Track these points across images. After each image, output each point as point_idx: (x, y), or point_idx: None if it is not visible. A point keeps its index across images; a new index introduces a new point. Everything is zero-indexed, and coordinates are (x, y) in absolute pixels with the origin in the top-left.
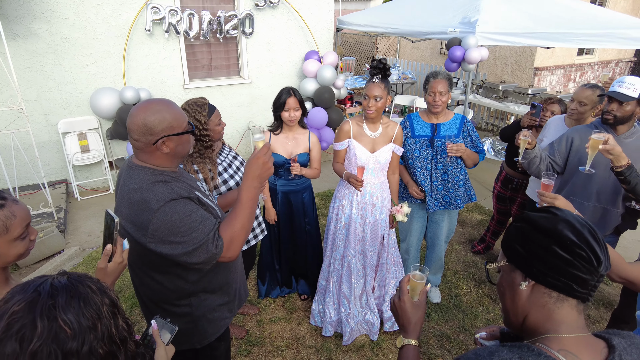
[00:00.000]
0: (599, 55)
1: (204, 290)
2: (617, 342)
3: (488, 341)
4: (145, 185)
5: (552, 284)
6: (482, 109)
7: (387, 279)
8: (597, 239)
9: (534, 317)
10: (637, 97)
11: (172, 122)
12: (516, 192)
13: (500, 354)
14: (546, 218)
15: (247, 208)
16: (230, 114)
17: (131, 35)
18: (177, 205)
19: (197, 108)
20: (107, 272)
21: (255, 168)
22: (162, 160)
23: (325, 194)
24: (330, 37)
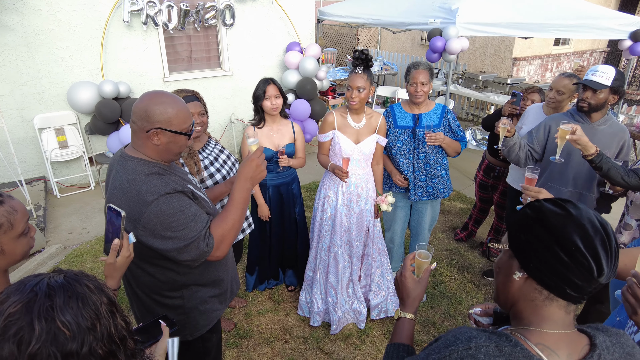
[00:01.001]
0: (574, 46)
1: (196, 282)
2: (600, 341)
3: (482, 317)
4: (139, 176)
5: (545, 283)
6: (462, 99)
7: (373, 267)
8: (609, 247)
9: (521, 307)
10: (610, 85)
11: (172, 117)
12: (498, 180)
13: (478, 340)
14: (558, 215)
15: (239, 209)
16: (211, 107)
17: (108, 27)
18: (171, 200)
19: None
20: (116, 267)
21: (249, 170)
22: (152, 151)
23: (310, 185)
24: (311, 28)
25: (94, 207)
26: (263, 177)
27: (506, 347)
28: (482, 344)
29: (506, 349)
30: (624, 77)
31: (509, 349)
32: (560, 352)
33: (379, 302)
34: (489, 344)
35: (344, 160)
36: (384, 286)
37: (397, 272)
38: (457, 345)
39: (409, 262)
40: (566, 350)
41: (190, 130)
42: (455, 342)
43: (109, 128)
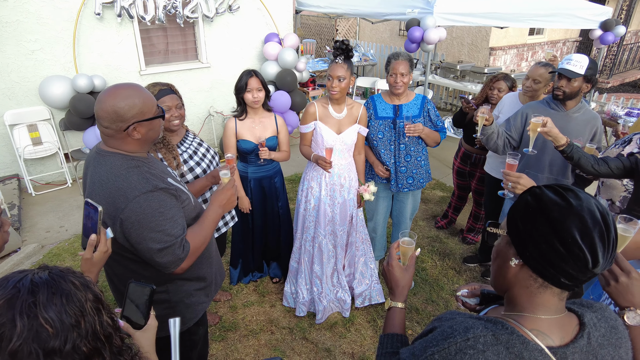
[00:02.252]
0: (548, 36)
1: (180, 277)
2: (588, 319)
3: (469, 298)
4: (119, 171)
5: (540, 271)
6: (441, 89)
7: (357, 256)
8: (607, 239)
9: (516, 293)
10: (584, 74)
11: (142, 107)
12: (475, 167)
13: (475, 331)
14: (558, 207)
15: (210, 228)
16: (189, 100)
17: (80, 19)
18: (152, 199)
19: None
20: (94, 262)
21: (222, 198)
22: (133, 146)
23: (292, 178)
24: (289, 18)
25: (72, 204)
26: (234, 206)
27: (503, 335)
28: (479, 334)
29: (503, 337)
30: (596, 66)
31: (506, 337)
32: (553, 336)
33: (362, 290)
34: (486, 334)
35: (327, 150)
36: (368, 274)
37: (384, 262)
38: (455, 337)
39: (394, 251)
40: (559, 334)
41: (162, 111)
42: (452, 333)
43: (84, 123)
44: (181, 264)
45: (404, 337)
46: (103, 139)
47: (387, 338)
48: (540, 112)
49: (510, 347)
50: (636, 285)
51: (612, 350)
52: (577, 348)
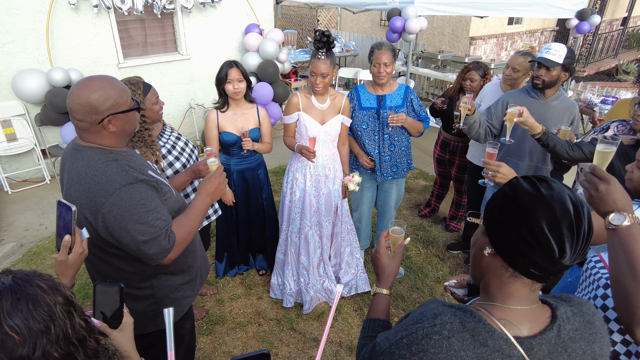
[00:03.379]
0: (526, 25)
1: (165, 271)
2: (561, 312)
3: (457, 289)
4: (98, 165)
5: (511, 261)
6: (422, 79)
7: (342, 246)
8: (576, 231)
9: (489, 281)
10: (562, 63)
11: (117, 99)
12: (454, 155)
13: (443, 317)
14: (530, 195)
15: (198, 218)
16: (169, 93)
17: (53, 10)
18: (133, 191)
19: (131, 87)
20: (69, 264)
21: (210, 187)
22: (109, 139)
23: (276, 170)
24: (270, 9)
25: (51, 201)
26: (222, 194)
27: (470, 323)
28: (447, 320)
29: (470, 324)
30: (574, 55)
31: (473, 325)
32: (522, 326)
33: (349, 279)
34: (454, 320)
35: (310, 140)
36: (354, 264)
37: (373, 249)
38: (423, 323)
39: (383, 240)
40: (528, 325)
41: (137, 103)
42: (422, 319)
43: (61, 118)
44: (168, 255)
45: (386, 322)
46: (78, 134)
47: (369, 323)
48: (520, 100)
49: (476, 335)
50: (615, 190)
51: (585, 344)
52: (544, 339)
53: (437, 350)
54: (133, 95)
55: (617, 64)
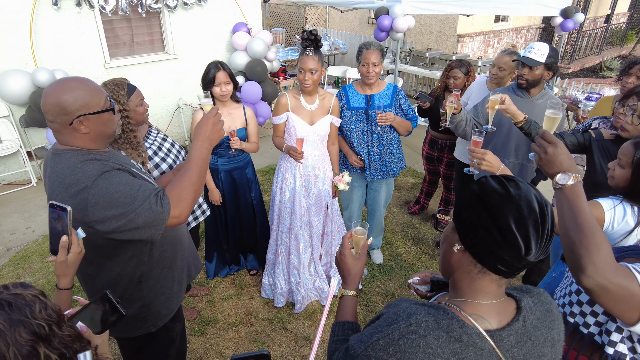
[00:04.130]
0: (513, 23)
1: (153, 269)
2: (524, 304)
3: (420, 285)
4: (75, 165)
5: (479, 257)
6: (410, 77)
7: (333, 245)
8: (541, 229)
9: (458, 277)
10: (544, 62)
11: (88, 100)
12: (442, 152)
13: (418, 316)
14: (497, 195)
15: (197, 167)
16: (157, 93)
17: (37, 9)
18: (110, 177)
19: (115, 88)
20: (68, 264)
21: (205, 130)
22: (83, 141)
23: (266, 169)
24: (258, 7)
25: (38, 204)
26: (221, 136)
27: (444, 320)
28: (421, 319)
29: (444, 321)
30: (557, 54)
31: (447, 322)
32: (492, 319)
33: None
34: (428, 319)
35: (297, 141)
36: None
37: (337, 252)
38: (398, 323)
39: (347, 241)
40: (497, 317)
41: (111, 105)
42: (397, 319)
43: None
44: (169, 216)
45: (355, 324)
46: (55, 136)
47: (338, 326)
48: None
49: (450, 332)
50: (561, 153)
51: (545, 332)
52: (512, 330)
53: (415, 350)
54: (116, 96)
55: (601, 60)
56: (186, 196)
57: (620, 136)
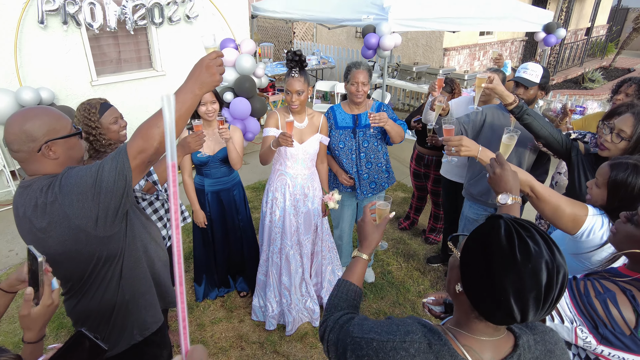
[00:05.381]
0: (497, 36)
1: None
2: (523, 341)
3: (434, 306)
4: (44, 186)
5: (476, 306)
6: (398, 91)
7: (324, 265)
8: (543, 301)
9: (458, 312)
10: (539, 82)
11: (54, 125)
12: (428, 168)
13: (413, 336)
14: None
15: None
16: (144, 109)
17: (22, 27)
18: (72, 170)
19: (87, 106)
20: (33, 318)
21: (199, 71)
22: (53, 167)
23: (256, 186)
24: (245, 24)
25: None
26: (215, 81)
27: (436, 345)
28: (416, 339)
29: (436, 346)
30: (549, 75)
31: (438, 347)
32: (484, 354)
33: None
34: (422, 341)
35: (287, 123)
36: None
37: (359, 219)
38: (395, 336)
39: (369, 210)
40: (491, 353)
41: (78, 129)
42: (395, 332)
43: None
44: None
45: (359, 289)
46: (22, 167)
47: (345, 284)
48: (499, 115)
49: (440, 357)
50: (507, 175)
51: None
52: None
53: None
54: (87, 114)
55: (583, 72)
56: (146, 130)
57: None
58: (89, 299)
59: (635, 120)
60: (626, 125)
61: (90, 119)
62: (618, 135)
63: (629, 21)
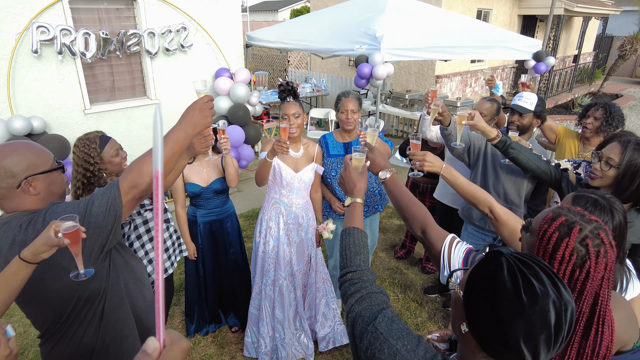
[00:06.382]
0: (488, 63)
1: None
2: None
3: (439, 343)
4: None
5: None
6: (392, 117)
7: (318, 297)
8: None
9: (465, 352)
10: (533, 110)
11: (34, 160)
12: (423, 196)
13: None
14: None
15: (165, 145)
16: (137, 138)
17: (16, 57)
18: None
19: (86, 142)
20: None
21: (192, 113)
22: (33, 203)
23: (249, 214)
24: (240, 53)
25: None
26: (207, 123)
27: None
28: None
29: None
30: (544, 104)
31: None
32: None
33: (326, 333)
34: None
35: (282, 129)
36: (330, 315)
37: (341, 169)
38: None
39: (349, 161)
40: None
41: (60, 164)
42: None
43: None
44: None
45: (364, 233)
46: (0, 204)
47: (356, 231)
48: None
49: None
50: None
51: None
52: None
53: None
54: (87, 150)
55: (572, 97)
56: (140, 166)
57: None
58: (66, 343)
59: (622, 148)
60: (614, 153)
61: (91, 154)
62: (607, 163)
63: (614, 48)
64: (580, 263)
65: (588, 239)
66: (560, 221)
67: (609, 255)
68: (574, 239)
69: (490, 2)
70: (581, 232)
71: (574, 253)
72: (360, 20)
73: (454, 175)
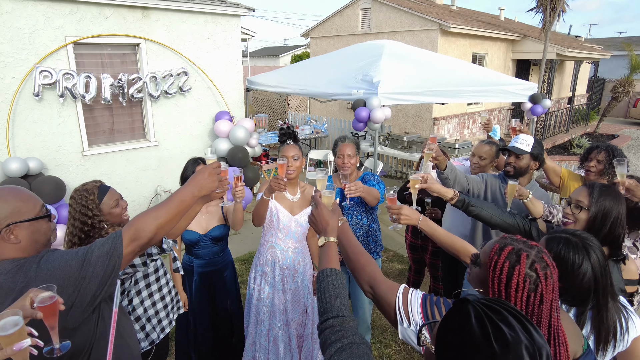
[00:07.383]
0: (485, 105)
1: None
2: None
3: None
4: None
5: None
6: (390, 159)
7: (315, 349)
8: None
9: None
10: (530, 152)
11: (19, 206)
12: (426, 241)
13: None
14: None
15: (173, 204)
16: (135, 179)
17: (17, 100)
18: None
19: (84, 193)
20: None
21: (201, 177)
22: (14, 251)
23: (246, 257)
24: (240, 97)
25: None
26: (213, 188)
27: None
28: None
29: None
30: (541, 146)
31: None
32: None
33: None
34: None
35: (279, 166)
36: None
37: (312, 209)
38: None
39: (319, 199)
40: None
41: (48, 211)
42: None
43: None
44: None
45: (342, 274)
46: None
47: (334, 272)
48: (496, 185)
49: None
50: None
51: None
52: None
53: None
54: (84, 202)
55: (570, 138)
56: (144, 220)
57: None
58: None
59: (588, 190)
60: (582, 196)
61: (88, 207)
62: (577, 206)
63: (606, 90)
64: (534, 287)
65: (536, 264)
66: (507, 250)
67: (554, 276)
68: (524, 265)
69: (484, 47)
70: (528, 258)
71: (526, 279)
72: (358, 66)
73: (432, 228)
